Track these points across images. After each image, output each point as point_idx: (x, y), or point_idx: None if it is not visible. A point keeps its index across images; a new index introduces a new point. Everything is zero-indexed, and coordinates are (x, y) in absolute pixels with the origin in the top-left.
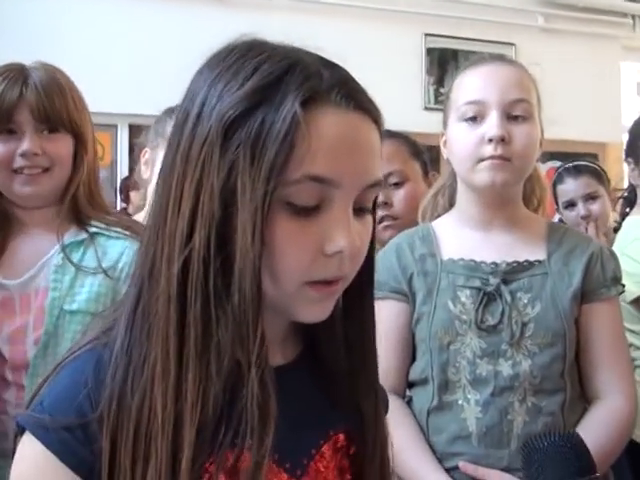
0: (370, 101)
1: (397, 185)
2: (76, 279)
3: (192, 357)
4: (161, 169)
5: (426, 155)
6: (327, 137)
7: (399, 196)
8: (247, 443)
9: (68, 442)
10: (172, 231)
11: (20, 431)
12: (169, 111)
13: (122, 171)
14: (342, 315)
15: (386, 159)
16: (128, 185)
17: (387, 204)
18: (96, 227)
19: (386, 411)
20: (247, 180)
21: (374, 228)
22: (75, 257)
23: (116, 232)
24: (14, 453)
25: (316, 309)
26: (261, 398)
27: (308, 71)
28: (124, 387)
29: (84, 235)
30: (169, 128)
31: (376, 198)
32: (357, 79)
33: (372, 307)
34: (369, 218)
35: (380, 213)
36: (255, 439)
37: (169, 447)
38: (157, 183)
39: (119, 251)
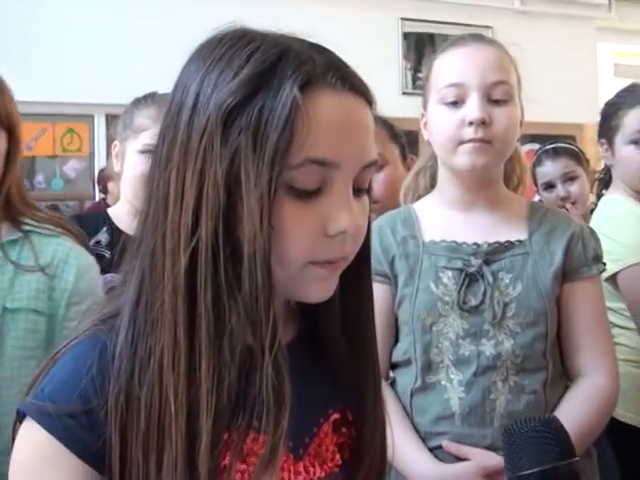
0: (363, 83)
1: (376, 169)
2: (15, 277)
3: (205, 346)
4: (153, 162)
5: (404, 138)
6: (326, 120)
7: (378, 179)
8: (263, 426)
9: (73, 428)
10: (175, 223)
11: (20, 418)
12: (136, 102)
13: (100, 162)
14: (340, 296)
15: None
16: (106, 176)
17: None
18: (29, 225)
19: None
20: (251, 167)
21: (369, 211)
22: (12, 255)
23: (48, 229)
24: (14, 441)
25: (321, 287)
26: (276, 381)
27: (301, 56)
28: (131, 380)
29: (19, 234)
30: (137, 119)
31: (371, 179)
32: None
33: (370, 287)
34: (366, 198)
35: None
36: (271, 422)
37: (184, 436)
38: (151, 177)
39: (53, 248)
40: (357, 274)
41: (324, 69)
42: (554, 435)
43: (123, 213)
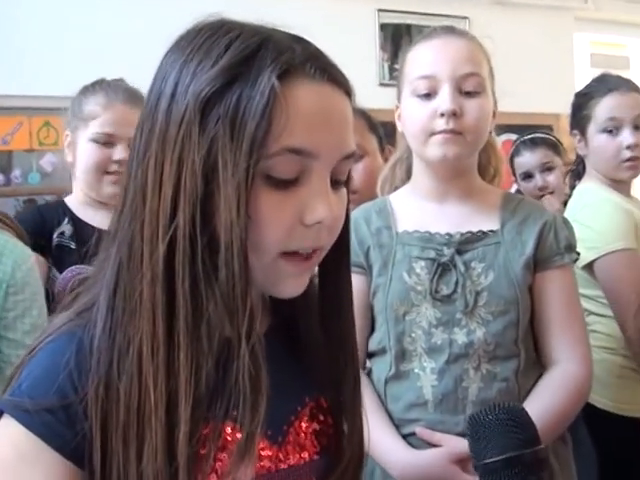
0: (341, 74)
1: (355, 159)
2: None
3: (183, 335)
4: (132, 152)
5: (381, 130)
6: (304, 109)
7: (357, 170)
8: (239, 415)
9: (51, 424)
10: (154, 212)
11: None
12: (84, 90)
13: None
14: (319, 286)
15: None
16: None
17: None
18: None
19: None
20: (228, 156)
21: (347, 202)
22: None
23: None
24: None
25: (293, 284)
26: (253, 370)
27: (281, 46)
28: (110, 371)
29: None
30: (86, 107)
31: (350, 171)
32: None
33: (349, 278)
34: (344, 190)
35: None
36: (247, 411)
37: (164, 425)
38: (128, 166)
39: None
40: (336, 265)
41: (303, 59)
42: (518, 423)
43: (79, 203)
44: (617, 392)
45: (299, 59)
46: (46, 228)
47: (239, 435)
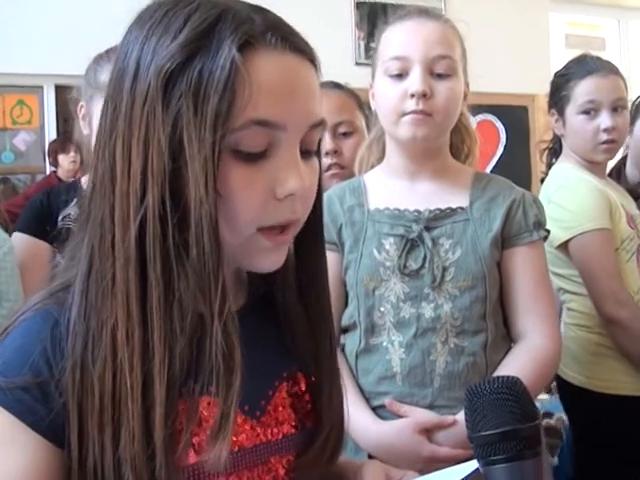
0: (305, 42)
1: (346, 135)
2: None
3: (156, 316)
4: (99, 132)
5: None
6: (267, 80)
7: (348, 145)
8: (213, 393)
9: (25, 401)
10: (124, 192)
11: None
12: (97, 58)
13: (50, 134)
14: (295, 260)
15: (336, 109)
16: (56, 148)
17: (336, 152)
18: None
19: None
20: (193, 131)
21: (320, 174)
22: None
23: None
24: None
25: (269, 258)
26: (226, 347)
27: (240, 16)
28: (84, 355)
29: None
30: (101, 76)
31: (320, 140)
32: None
33: (323, 251)
34: (315, 161)
35: (328, 161)
36: (222, 389)
37: (140, 408)
38: (96, 147)
39: None
40: (310, 239)
41: (263, 29)
42: (516, 397)
43: None
44: (592, 369)
45: (259, 29)
46: (52, 212)
47: (216, 410)
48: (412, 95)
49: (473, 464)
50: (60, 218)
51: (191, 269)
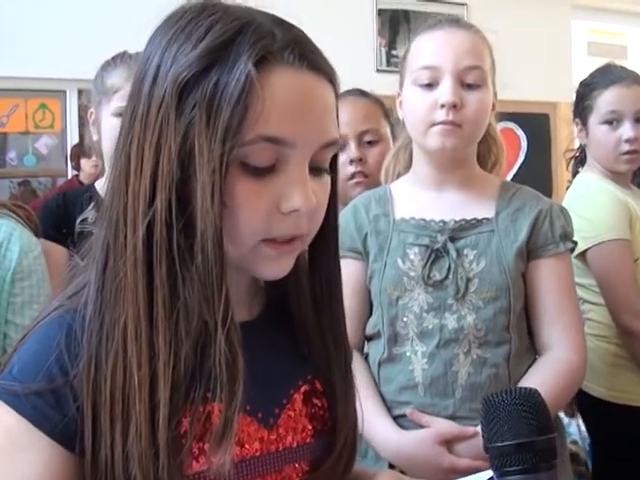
0: (324, 60)
1: (371, 143)
2: None
3: (161, 318)
4: (120, 133)
5: (393, 118)
6: (280, 97)
7: (373, 154)
8: (217, 399)
9: (40, 407)
10: (135, 194)
11: None
12: (105, 65)
13: (72, 138)
14: (309, 271)
15: (362, 117)
16: (78, 152)
17: (361, 160)
18: None
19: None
20: (204, 141)
21: (335, 189)
22: None
23: None
24: None
25: (274, 266)
26: (229, 356)
27: (261, 31)
28: (99, 350)
29: None
30: (108, 81)
31: (336, 158)
32: None
33: (338, 263)
34: (327, 178)
35: (353, 169)
36: (225, 396)
37: (147, 407)
38: (116, 147)
39: None
40: (324, 250)
41: (283, 45)
42: (533, 409)
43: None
44: (610, 380)
45: (278, 45)
46: (69, 215)
47: (217, 418)
48: (442, 105)
49: (487, 474)
50: (78, 222)
51: (196, 276)
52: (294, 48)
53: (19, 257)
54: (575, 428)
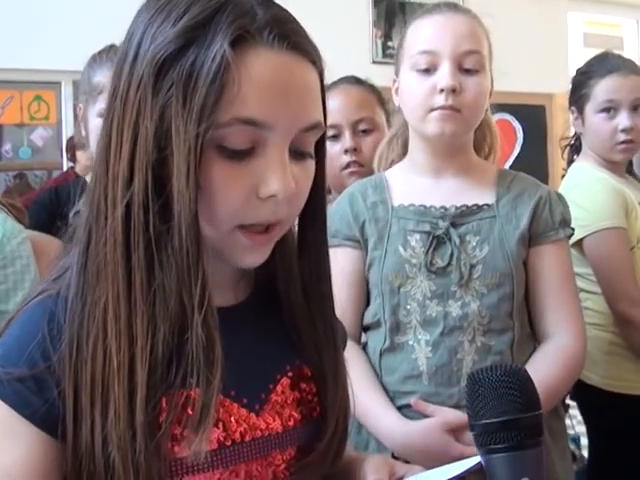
0: (307, 41)
1: (366, 132)
2: None
3: (140, 301)
4: (103, 113)
5: (388, 106)
6: (258, 78)
7: (367, 143)
8: (196, 385)
9: (21, 393)
10: (115, 175)
11: None
12: (92, 59)
13: (68, 130)
14: (299, 254)
15: (356, 105)
16: (74, 144)
17: (356, 150)
18: None
19: (344, 347)
20: (180, 122)
21: (323, 173)
22: None
23: None
24: None
25: (250, 255)
26: (205, 341)
27: (240, 9)
28: (80, 332)
29: None
30: (93, 79)
31: (323, 142)
32: None
33: (326, 246)
34: (310, 162)
35: (347, 159)
36: (202, 382)
37: (126, 390)
38: (101, 127)
39: None
40: (313, 233)
41: (262, 24)
42: (519, 386)
43: None
44: (606, 368)
45: (258, 24)
46: (62, 208)
47: (196, 402)
48: (441, 90)
49: (476, 459)
50: (72, 214)
51: (173, 258)
52: (274, 27)
53: (1, 244)
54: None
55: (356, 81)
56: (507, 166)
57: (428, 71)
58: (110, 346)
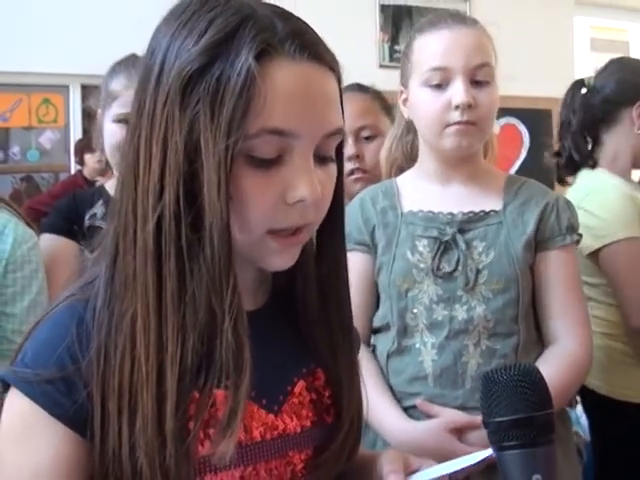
0: (326, 50)
1: (369, 139)
2: None
3: (170, 311)
4: (128, 129)
5: (393, 111)
6: (282, 89)
7: (370, 150)
8: (222, 386)
9: (51, 394)
10: (145, 189)
11: (5, 386)
12: (111, 69)
13: (76, 133)
14: (316, 261)
15: (359, 113)
16: (82, 147)
17: (358, 157)
18: None
19: (357, 350)
20: (209, 136)
21: (341, 176)
22: None
23: None
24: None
25: (280, 258)
26: (235, 347)
27: (261, 24)
28: (108, 341)
29: None
30: (110, 86)
31: (341, 146)
32: None
33: (344, 252)
34: (332, 167)
35: (351, 166)
36: (231, 386)
37: (154, 398)
38: (125, 141)
39: None
40: (331, 237)
41: (283, 37)
42: (532, 385)
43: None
44: (617, 378)
45: (279, 37)
46: (79, 212)
47: (224, 407)
48: (457, 107)
49: (488, 451)
50: (87, 217)
51: (204, 268)
52: (295, 39)
53: (12, 248)
54: (573, 415)
55: (360, 88)
56: (513, 170)
57: (440, 86)
58: (139, 355)
